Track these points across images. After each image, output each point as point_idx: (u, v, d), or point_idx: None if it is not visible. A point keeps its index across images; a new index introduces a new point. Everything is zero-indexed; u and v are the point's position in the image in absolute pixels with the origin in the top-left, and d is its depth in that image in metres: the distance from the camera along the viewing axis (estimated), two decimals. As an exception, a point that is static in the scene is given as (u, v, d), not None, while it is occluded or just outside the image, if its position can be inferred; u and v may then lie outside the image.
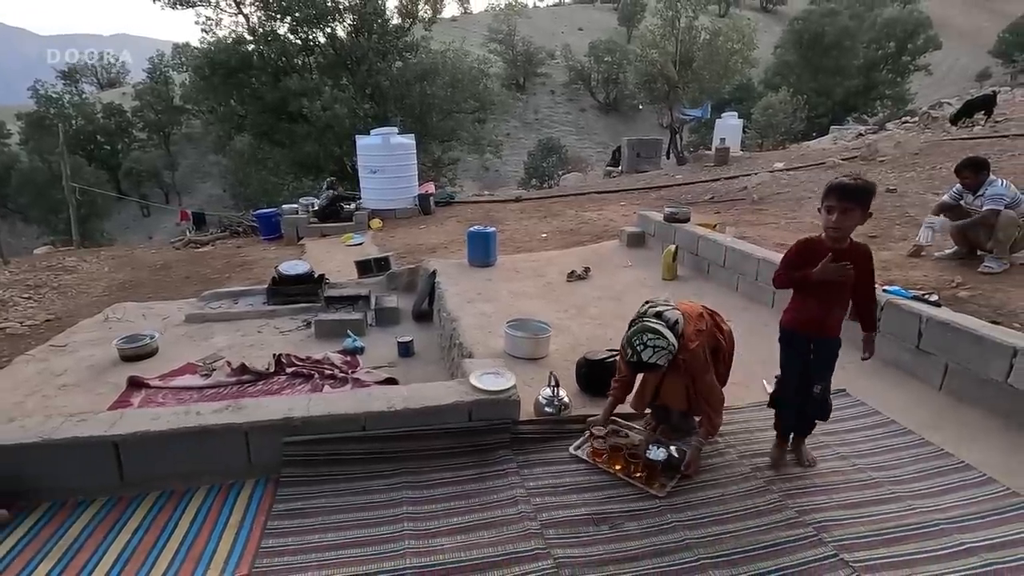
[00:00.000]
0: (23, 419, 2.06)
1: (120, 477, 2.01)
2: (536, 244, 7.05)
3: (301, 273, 5.34)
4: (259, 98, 16.09)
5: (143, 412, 2.14)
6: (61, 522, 1.87)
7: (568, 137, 37.50)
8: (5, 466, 1.91)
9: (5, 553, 1.74)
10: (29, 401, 3.51)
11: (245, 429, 2.09)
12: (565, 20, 59.04)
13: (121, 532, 1.83)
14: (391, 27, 17.45)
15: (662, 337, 1.97)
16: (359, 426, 2.18)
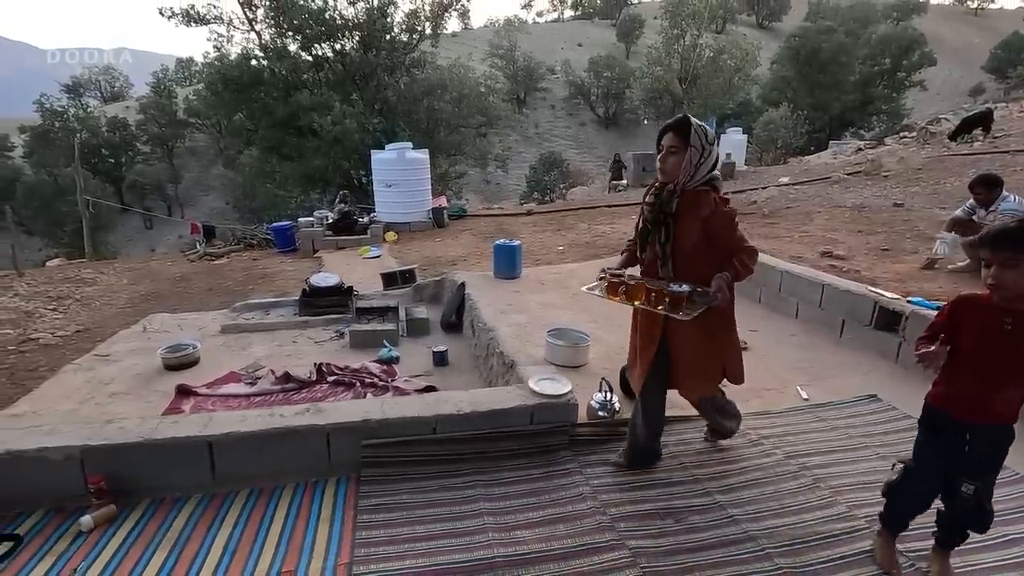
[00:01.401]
0: (121, 421, 2.19)
1: (212, 475, 2.15)
2: (554, 257, 7.22)
3: (332, 285, 5.49)
4: (269, 113, 16.33)
5: (232, 414, 2.27)
6: (163, 518, 2.00)
7: (568, 151, 37.89)
8: (109, 465, 2.04)
9: (119, 544, 1.87)
10: (84, 408, 3.63)
11: (327, 430, 2.22)
12: (564, 36, 59.87)
13: (222, 526, 1.96)
14: (398, 43, 17.77)
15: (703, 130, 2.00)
16: (430, 428, 2.32)
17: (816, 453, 2.44)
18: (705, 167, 1.99)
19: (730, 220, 2.01)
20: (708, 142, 1.97)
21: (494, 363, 3.90)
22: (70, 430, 2.09)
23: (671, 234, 2.03)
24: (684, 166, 1.97)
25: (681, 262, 2.05)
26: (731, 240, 2.00)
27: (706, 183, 2.01)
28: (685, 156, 1.96)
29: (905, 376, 3.16)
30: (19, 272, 10.55)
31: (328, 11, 16.49)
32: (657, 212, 2.06)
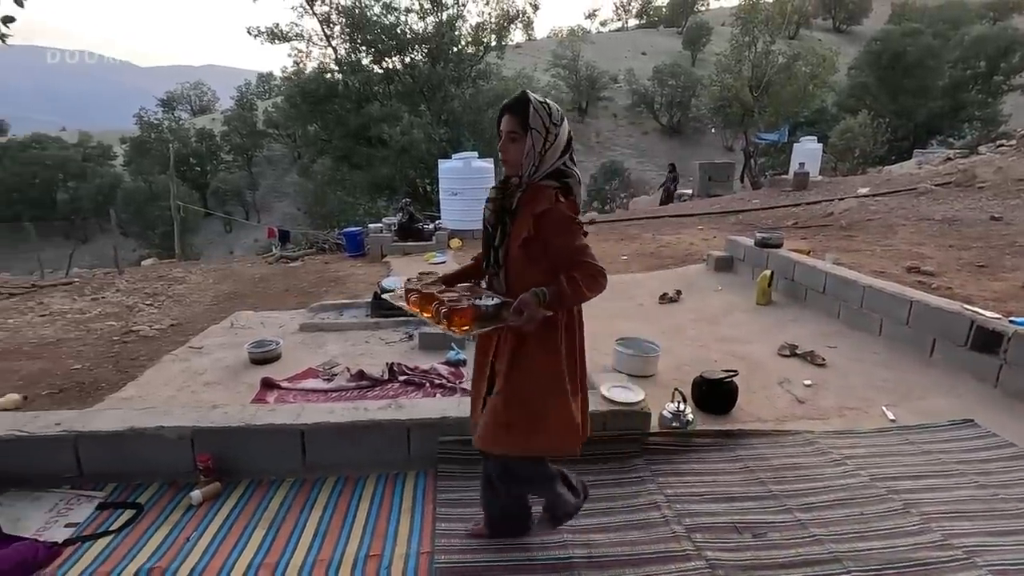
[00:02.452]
0: (225, 407, 2.39)
1: (303, 462, 2.30)
2: (618, 266, 7.18)
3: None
4: (342, 124, 17.15)
5: (321, 406, 2.43)
6: (260, 498, 2.16)
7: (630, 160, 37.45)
8: (214, 446, 2.23)
9: (224, 519, 2.04)
10: (181, 395, 3.94)
11: (407, 425, 2.33)
12: (628, 44, 59.37)
13: (313, 510, 2.09)
14: (465, 55, 18.25)
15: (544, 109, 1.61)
16: (505, 429, 2.38)
17: (905, 477, 2.32)
18: (552, 154, 1.64)
19: (566, 224, 1.61)
20: (553, 122, 1.63)
21: (560, 370, 3.94)
22: (182, 413, 2.31)
23: (507, 235, 1.69)
24: (526, 154, 1.62)
25: (513, 270, 1.69)
26: (564, 249, 1.61)
27: (556, 178, 1.66)
28: (526, 142, 1.62)
29: (1006, 401, 2.94)
30: (120, 270, 11.59)
31: (400, 26, 17.19)
32: (498, 209, 1.75)
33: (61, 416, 2.29)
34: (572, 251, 1.62)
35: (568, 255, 1.62)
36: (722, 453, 2.50)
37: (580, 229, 1.67)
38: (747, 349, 3.88)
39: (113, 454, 2.20)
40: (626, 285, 5.80)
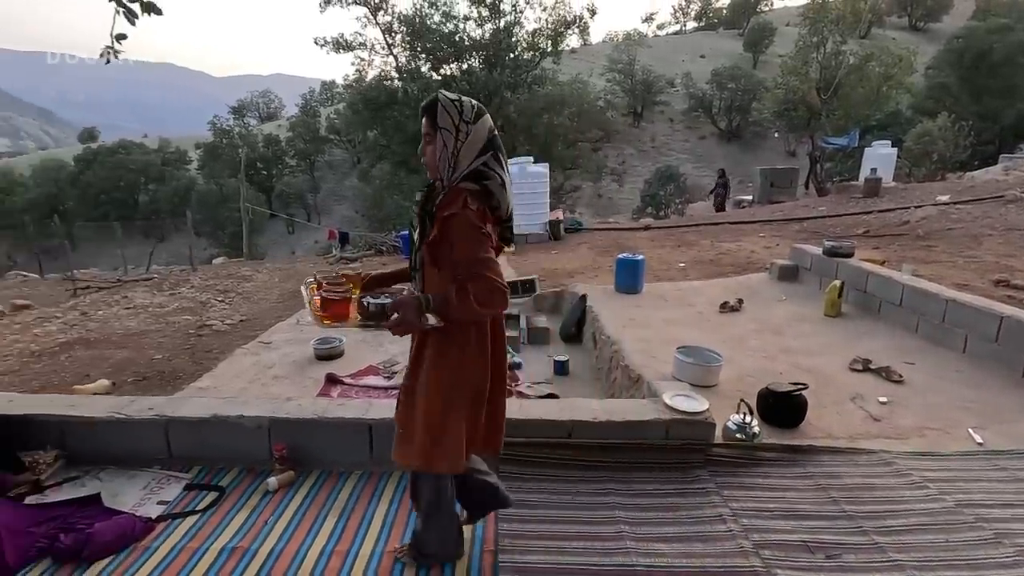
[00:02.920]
0: (300, 399, 2.51)
1: (370, 455, 2.38)
2: (675, 273, 7.04)
3: (458, 291, 5.80)
4: (400, 129, 17.62)
5: (386, 403, 2.51)
6: (331, 488, 2.26)
7: (686, 165, 36.62)
8: (289, 436, 2.35)
9: (298, 506, 2.14)
10: (252, 387, 4.17)
11: (470, 425, 2.37)
12: (687, 48, 58.15)
13: (380, 501, 2.17)
14: (521, 61, 18.39)
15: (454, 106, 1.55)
16: (565, 432, 2.39)
17: (996, 505, 2.17)
18: (467, 153, 1.56)
19: (468, 231, 1.51)
20: (464, 120, 1.55)
21: (617, 376, 3.90)
22: (260, 403, 2.44)
23: (424, 238, 1.62)
24: (439, 155, 1.57)
25: (426, 274, 1.63)
26: (463, 258, 1.51)
27: (475, 179, 1.57)
28: (438, 142, 1.56)
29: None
30: (194, 268, 12.34)
31: (458, 33, 17.53)
32: (420, 212, 1.67)
33: (153, 402, 2.47)
34: (470, 261, 1.51)
35: (466, 265, 1.51)
36: (790, 468, 2.41)
37: (485, 239, 1.54)
38: (815, 362, 3.72)
39: (198, 439, 2.36)
40: (684, 293, 5.68)
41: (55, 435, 2.36)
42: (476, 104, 1.60)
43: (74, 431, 2.37)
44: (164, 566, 1.82)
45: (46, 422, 2.35)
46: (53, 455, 2.30)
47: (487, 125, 1.60)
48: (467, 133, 1.56)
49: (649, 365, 3.65)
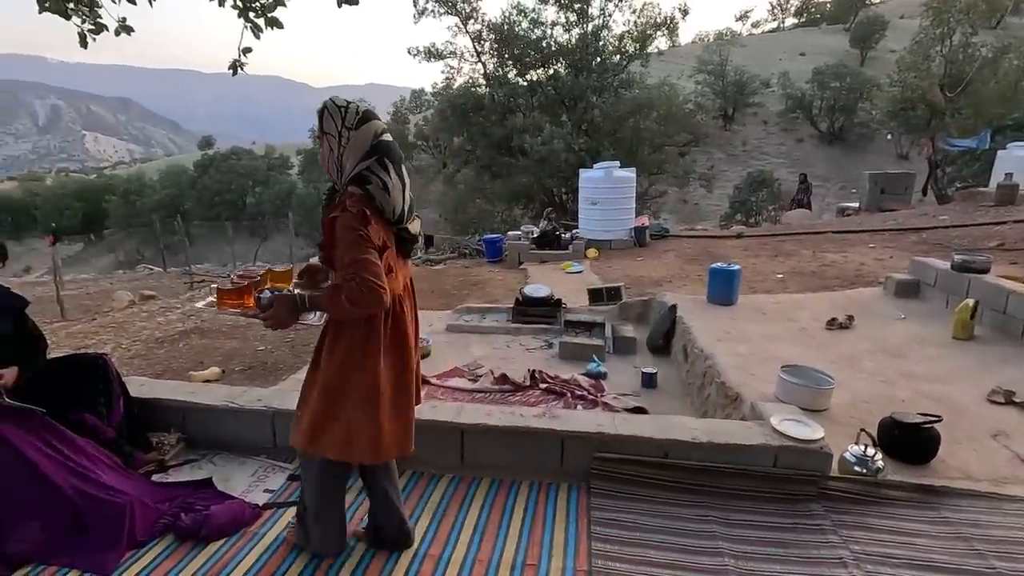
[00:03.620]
0: (394, 399, 2.57)
1: (461, 460, 2.38)
2: (773, 285, 6.61)
3: (543, 296, 5.77)
4: (486, 135, 17.93)
5: (478, 407, 2.50)
6: (423, 490, 2.28)
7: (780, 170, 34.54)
8: (384, 435, 2.40)
9: (391, 505, 2.18)
10: (345, 382, 4.37)
11: (562, 436, 2.31)
12: (785, 46, 54.95)
13: (471, 508, 2.16)
14: (609, 65, 18.14)
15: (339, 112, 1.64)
16: (662, 452, 2.27)
17: None
18: (350, 157, 1.64)
19: (346, 232, 1.57)
20: (347, 126, 1.63)
21: (711, 393, 3.69)
22: (358, 400, 2.51)
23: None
24: (326, 159, 1.69)
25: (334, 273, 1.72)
26: (342, 258, 1.58)
27: (359, 184, 1.63)
28: (324, 147, 1.68)
29: None
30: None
31: (545, 39, 17.59)
32: (322, 214, 1.74)
33: (262, 393, 2.62)
34: (348, 263, 1.57)
35: (344, 265, 1.58)
36: (921, 512, 2.14)
37: (363, 241, 1.58)
38: (944, 390, 3.32)
39: (301, 432, 2.46)
40: (783, 306, 5.29)
41: (177, 419, 2.56)
42: (363, 110, 1.68)
43: (193, 417, 2.56)
44: (270, 554, 1.91)
45: (171, 406, 2.56)
46: (176, 437, 2.49)
47: (372, 130, 1.67)
48: (348, 139, 1.64)
49: (748, 383, 3.42)
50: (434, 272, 11.03)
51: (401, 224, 1.76)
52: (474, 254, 12.62)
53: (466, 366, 4.72)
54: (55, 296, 9.52)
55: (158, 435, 2.47)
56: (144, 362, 5.58)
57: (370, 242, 1.60)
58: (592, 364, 4.61)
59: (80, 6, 2.23)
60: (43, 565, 1.80)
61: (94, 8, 2.32)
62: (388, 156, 1.69)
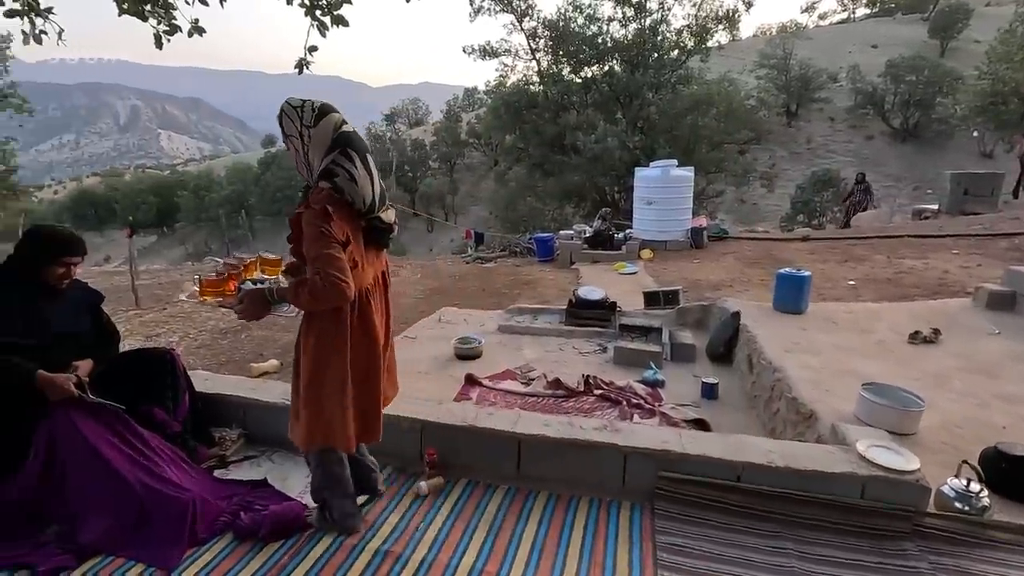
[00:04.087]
0: (449, 404, 2.52)
1: (517, 471, 2.30)
2: (844, 292, 6.20)
3: (597, 299, 5.62)
4: (539, 133, 17.82)
5: (536, 417, 2.41)
6: (478, 500, 2.21)
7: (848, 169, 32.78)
8: (439, 441, 2.35)
9: (448, 514, 2.13)
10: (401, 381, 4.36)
11: (625, 452, 2.19)
12: (855, 37, 52.08)
13: (528, 522, 2.07)
14: (666, 61, 17.66)
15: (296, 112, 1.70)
16: (734, 475, 2.11)
17: None
18: (315, 153, 1.72)
19: (309, 228, 1.66)
20: (305, 125, 1.70)
21: (780, 408, 3.45)
22: (414, 405, 2.47)
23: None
24: (296, 160, 1.77)
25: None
26: (308, 253, 1.67)
27: (327, 178, 1.71)
28: (291, 149, 1.76)
29: None
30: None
31: (601, 35, 17.29)
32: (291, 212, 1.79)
33: (320, 392, 2.62)
34: (312, 257, 1.65)
35: (310, 259, 1.66)
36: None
37: (325, 236, 1.65)
38: (1051, 417, 2.98)
39: (357, 433, 2.45)
40: (857, 316, 4.94)
41: (238, 415, 2.60)
42: (318, 106, 1.72)
43: (253, 413, 2.59)
44: (326, 559, 1.88)
45: (232, 402, 2.60)
46: (237, 433, 2.53)
47: (331, 124, 1.72)
48: (309, 136, 1.71)
49: (822, 400, 3.17)
50: (484, 270, 11.04)
51: (373, 213, 1.80)
52: (525, 253, 12.55)
53: (518, 368, 4.64)
54: (131, 285, 10.12)
55: (220, 430, 2.51)
56: (209, 352, 5.80)
57: (332, 237, 1.65)
58: (649, 371, 4.43)
59: (156, 8, 2.29)
60: (111, 557, 1.85)
61: (169, 10, 2.37)
62: (351, 147, 1.73)
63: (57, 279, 2.09)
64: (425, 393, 4.13)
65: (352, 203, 1.73)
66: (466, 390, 4.24)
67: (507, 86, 19.74)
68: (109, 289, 10.51)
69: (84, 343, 2.18)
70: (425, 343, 5.30)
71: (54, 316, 2.07)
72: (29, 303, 2.02)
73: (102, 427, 1.96)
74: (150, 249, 40.71)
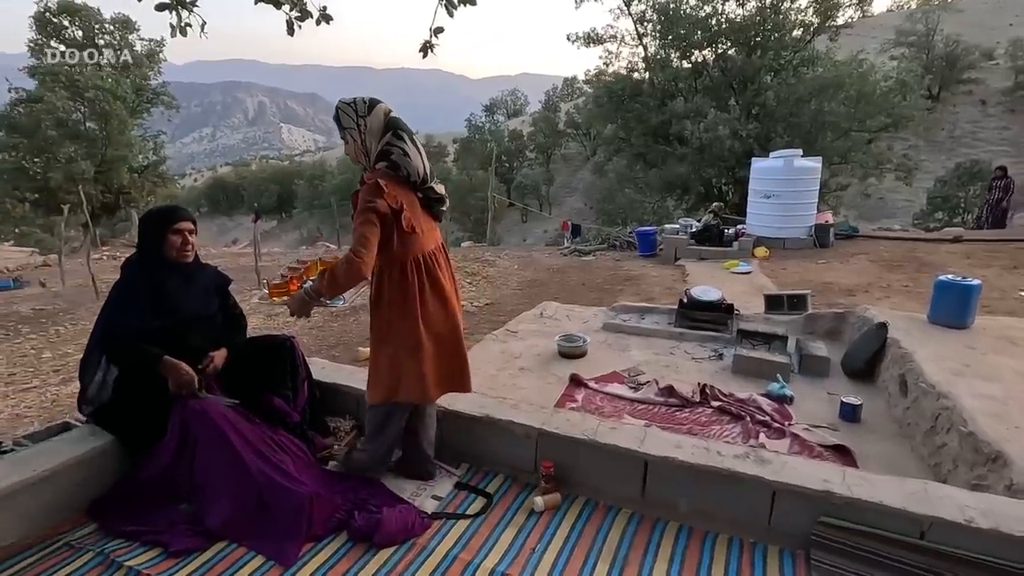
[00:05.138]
0: (568, 413, 2.33)
1: (642, 494, 2.07)
2: (1015, 305, 5.27)
3: (712, 300, 5.18)
4: (642, 121, 17.09)
5: (666, 437, 2.16)
6: (599, 523, 2.00)
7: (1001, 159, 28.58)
8: (556, 452, 2.17)
9: (566, 536, 1.94)
10: (501, 376, 4.26)
11: (773, 488, 1.88)
12: (1017, 7, 45.16)
13: (658, 557, 1.84)
14: (788, 41, 16.20)
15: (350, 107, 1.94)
16: (917, 530, 1.73)
17: None
18: (371, 140, 1.94)
19: (361, 201, 1.85)
20: (360, 115, 1.91)
21: (950, 443, 2.91)
22: (529, 411, 2.31)
23: None
24: (355, 150, 1.97)
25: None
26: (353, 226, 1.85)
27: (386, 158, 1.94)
28: (349, 141, 1.96)
29: None
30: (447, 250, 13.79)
31: (715, 16, 16.18)
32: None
33: (432, 390, 2.53)
34: (354, 233, 1.82)
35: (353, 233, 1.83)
36: None
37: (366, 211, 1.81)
38: None
39: (468, 436, 2.33)
40: (1043, 335, 4.12)
41: (352, 406, 2.59)
42: (368, 99, 1.94)
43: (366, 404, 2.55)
44: (441, 571, 1.77)
45: (347, 392, 2.59)
46: (350, 424, 2.51)
47: (381, 111, 1.94)
48: (366, 124, 1.92)
49: (1012, 440, 2.62)
50: (583, 264, 10.78)
51: (427, 184, 2.02)
52: (625, 246, 12.11)
53: (626, 371, 4.37)
54: (254, 267, 10.97)
55: (335, 420, 2.50)
56: (320, 333, 6.06)
57: (375, 211, 1.81)
58: (775, 384, 3.97)
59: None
60: (234, 545, 1.86)
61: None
62: (400, 128, 1.93)
63: (178, 252, 2.11)
64: (527, 391, 3.99)
65: (408, 176, 1.94)
66: (571, 391, 4.04)
67: (609, 74, 19.13)
68: (235, 269, 11.47)
69: (214, 325, 2.23)
70: (527, 338, 5.16)
71: (184, 298, 2.11)
72: (158, 286, 2.07)
73: (228, 415, 1.98)
74: (270, 233, 44.43)
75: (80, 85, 20.75)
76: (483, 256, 12.57)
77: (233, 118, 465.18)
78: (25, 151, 20.44)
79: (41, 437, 2.21)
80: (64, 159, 20.65)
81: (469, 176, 35.91)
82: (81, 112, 21.86)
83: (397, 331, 1.96)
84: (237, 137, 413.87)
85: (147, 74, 24.67)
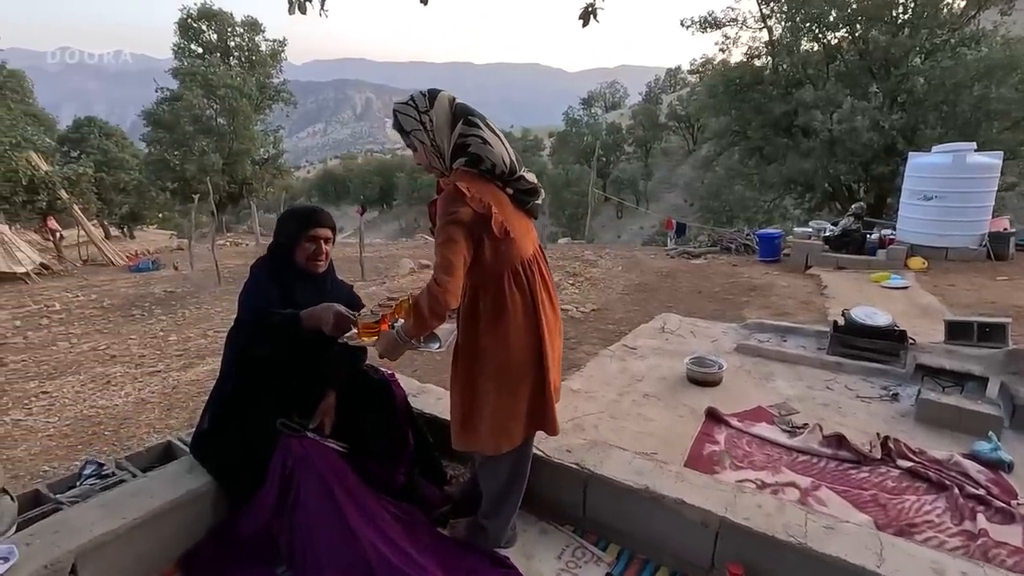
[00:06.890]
0: (761, 497, 1.75)
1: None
2: None
3: (880, 325, 4.28)
4: (762, 112, 15.60)
5: (918, 553, 1.52)
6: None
7: None
8: (746, 553, 1.61)
9: None
10: (623, 403, 3.71)
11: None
12: None
13: None
14: (946, 17, 14.00)
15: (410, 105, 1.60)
16: None
17: None
18: (441, 136, 1.59)
19: (440, 215, 1.52)
20: (422, 111, 1.59)
21: None
22: (707, 489, 1.75)
23: None
24: (425, 153, 1.63)
25: None
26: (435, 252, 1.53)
27: (464, 152, 1.58)
28: (416, 144, 1.63)
29: None
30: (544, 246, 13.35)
31: (856, -10, 14.33)
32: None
33: (572, 443, 2.03)
34: (437, 254, 1.53)
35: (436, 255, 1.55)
36: None
37: (446, 228, 1.50)
38: None
39: (619, 508, 1.83)
40: None
41: (471, 447, 2.17)
42: (426, 91, 1.62)
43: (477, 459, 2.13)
44: None
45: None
46: (471, 472, 2.10)
47: (445, 100, 1.61)
48: (431, 119, 1.59)
49: None
50: (694, 268, 9.90)
51: (515, 175, 1.65)
52: (741, 249, 11.02)
53: (775, 407, 3.65)
54: (358, 258, 11.18)
55: (452, 465, 2.10)
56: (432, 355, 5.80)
57: (460, 225, 1.50)
58: (984, 444, 3.10)
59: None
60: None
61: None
62: (471, 114, 1.61)
63: (311, 258, 1.86)
64: (656, 424, 3.42)
65: (493, 168, 1.59)
66: (709, 429, 3.41)
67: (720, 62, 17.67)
68: (340, 259, 11.75)
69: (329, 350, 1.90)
70: (648, 356, 4.56)
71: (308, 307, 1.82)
72: (286, 292, 1.80)
73: (335, 466, 1.63)
74: (372, 224, 46.57)
75: (213, 84, 22.62)
76: (583, 255, 12.00)
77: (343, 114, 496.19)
78: (167, 144, 22.71)
79: (142, 461, 2.01)
80: (198, 152, 22.71)
81: (565, 170, 35.25)
82: (213, 108, 23.87)
83: (495, 360, 1.64)
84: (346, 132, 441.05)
85: (270, 72, 26.48)
